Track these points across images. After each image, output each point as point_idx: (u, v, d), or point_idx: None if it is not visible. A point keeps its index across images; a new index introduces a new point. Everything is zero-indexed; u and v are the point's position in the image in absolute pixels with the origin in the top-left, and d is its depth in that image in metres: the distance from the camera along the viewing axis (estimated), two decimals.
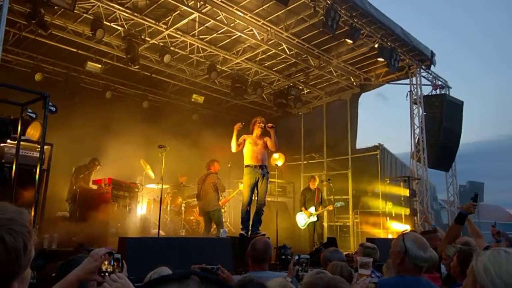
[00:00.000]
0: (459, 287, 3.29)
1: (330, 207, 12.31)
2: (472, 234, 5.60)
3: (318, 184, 12.51)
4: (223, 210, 11.55)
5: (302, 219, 12.02)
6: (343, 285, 1.94)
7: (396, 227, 13.10)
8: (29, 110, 6.32)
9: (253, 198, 8.92)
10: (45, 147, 8.33)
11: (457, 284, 3.52)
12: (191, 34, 12.39)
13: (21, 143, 6.79)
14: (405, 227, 12.76)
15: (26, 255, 1.32)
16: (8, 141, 6.88)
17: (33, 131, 9.29)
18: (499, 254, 1.93)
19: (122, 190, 10.77)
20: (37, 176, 6.05)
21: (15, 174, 6.19)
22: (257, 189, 8.85)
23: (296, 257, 3.75)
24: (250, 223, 8.80)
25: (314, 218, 11.94)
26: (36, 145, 7.80)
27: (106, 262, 2.24)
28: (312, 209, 11.93)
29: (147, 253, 5.89)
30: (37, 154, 6.88)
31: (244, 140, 8.97)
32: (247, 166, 8.87)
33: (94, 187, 10.90)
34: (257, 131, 9.02)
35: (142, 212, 12.00)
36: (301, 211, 12.09)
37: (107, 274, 2.21)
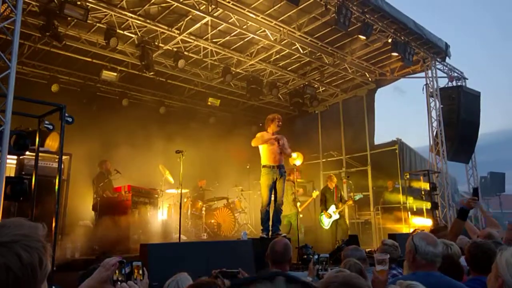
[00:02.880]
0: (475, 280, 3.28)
1: (350, 202, 12.39)
2: (489, 225, 5.55)
3: (337, 182, 12.47)
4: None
5: (326, 220, 11.98)
6: (359, 281, 1.93)
7: (418, 222, 12.97)
8: (46, 122, 6.39)
9: (271, 198, 8.93)
10: (64, 157, 8.45)
11: (473, 278, 3.47)
12: (204, 38, 12.42)
13: (40, 154, 6.88)
14: (427, 221, 12.65)
15: (42, 270, 1.34)
16: (28, 153, 6.96)
17: (52, 142, 9.40)
18: None
19: (142, 196, 10.85)
20: (56, 187, 6.11)
21: (35, 186, 6.26)
22: (275, 190, 8.85)
23: (316, 257, 3.74)
24: (270, 223, 8.80)
25: (336, 216, 11.91)
26: (55, 155, 7.88)
27: (117, 271, 2.26)
28: (332, 208, 11.90)
29: (169, 258, 5.92)
30: (56, 165, 6.95)
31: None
32: (264, 166, 8.87)
33: (115, 195, 10.99)
34: (274, 128, 8.99)
35: (163, 217, 12.07)
36: (321, 212, 12.04)
37: (119, 283, 2.23)
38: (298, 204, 11.58)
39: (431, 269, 3.12)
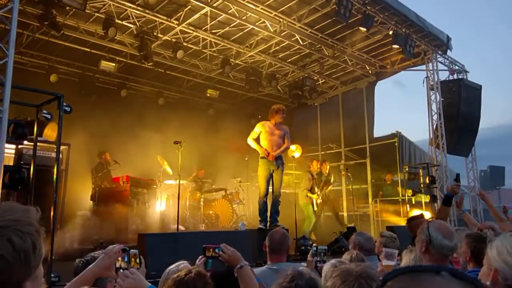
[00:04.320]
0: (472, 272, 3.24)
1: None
2: (495, 218, 5.53)
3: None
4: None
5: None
6: (374, 272, 1.96)
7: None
8: (44, 111, 6.36)
9: (269, 189, 8.94)
10: (63, 147, 8.44)
11: (473, 270, 3.44)
12: (203, 28, 12.37)
13: (39, 144, 6.85)
14: (426, 214, 12.65)
15: (36, 255, 1.31)
16: (26, 142, 6.94)
17: (50, 132, 9.36)
18: (510, 236, 1.96)
19: (140, 187, 10.86)
20: (55, 176, 6.09)
21: (33, 175, 6.24)
22: (272, 181, 8.85)
23: (314, 248, 3.74)
24: (268, 214, 8.80)
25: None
26: (54, 145, 7.85)
27: (120, 259, 2.26)
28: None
29: (166, 248, 5.93)
30: (54, 155, 6.92)
31: (260, 133, 8.96)
32: (262, 157, 8.87)
33: (113, 185, 10.99)
34: (278, 120, 8.97)
35: (161, 208, 12.06)
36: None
37: (121, 270, 2.22)
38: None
39: (444, 262, 3.00)
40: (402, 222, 13.40)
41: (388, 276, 0.89)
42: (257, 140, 9.05)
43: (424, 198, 13.23)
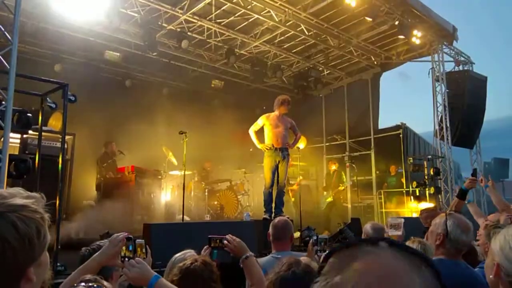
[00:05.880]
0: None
1: (341, 188, 13.08)
2: (499, 206, 5.49)
3: (337, 167, 13.27)
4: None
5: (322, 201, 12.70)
6: None
7: (421, 207, 12.97)
8: (49, 101, 6.35)
9: (274, 180, 8.93)
10: (68, 137, 8.44)
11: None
12: (208, 18, 12.31)
13: (43, 134, 6.85)
14: (429, 205, 12.64)
15: (40, 241, 1.30)
16: (31, 132, 6.93)
17: (55, 122, 9.40)
18: None
19: (145, 177, 10.87)
20: (60, 166, 6.09)
21: (38, 165, 6.24)
22: (278, 172, 8.85)
23: (315, 238, 3.77)
24: (273, 205, 8.81)
25: (330, 199, 12.84)
26: (58, 135, 7.85)
27: (124, 248, 2.25)
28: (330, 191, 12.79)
29: (171, 238, 5.92)
30: (59, 145, 6.91)
31: (263, 125, 8.95)
32: (268, 148, 8.85)
33: (117, 175, 11.01)
34: (283, 110, 8.95)
35: (167, 198, 12.09)
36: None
37: (126, 259, 2.22)
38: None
39: (458, 257, 2.98)
40: (406, 213, 13.42)
41: (329, 252, 0.89)
42: (259, 132, 9.04)
43: (428, 190, 13.21)
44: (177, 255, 3.06)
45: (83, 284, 1.83)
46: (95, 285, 1.82)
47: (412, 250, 0.86)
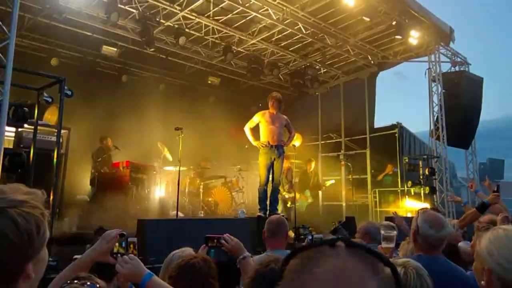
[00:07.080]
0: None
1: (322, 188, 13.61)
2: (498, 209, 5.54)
3: (314, 168, 13.39)
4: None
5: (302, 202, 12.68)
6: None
7: (415, 206, 13.01)
8: (45, 95, 6.35)
9: (269, 178, 8.95)
10: (63, 131, 8.40)
11: None
12: (206, 15, 12.29)
13: (39, 127, 6.85)
14: (424, 205, 12.67)
15: (40, 237, 1.31)
16: (26, 126, 6.92)
17: (51, 116, 9.37)
18: (498, 234, 1.95)
19: (140, 172, 10.87)
20: (55, 160, 6.08)
21: (33, 159, 6.24)
22: (273, 169, 8.86)
23: (310, 237, 3.77)
24: (268, 202, 8.82)
25: (310, 200, 12.84)
26: (54, 129, 7.83)
27: (117, 244, 2.25)
28: (307, 192, 12.71)
29: (166, 234, 5.93)
30: (54, 139, 6.90)
31: (259, 122, 8.96)
32: (263, 145, 8.86)
33: (112, 170, 10.99)
34: (271, 109, 8.99)
35: (161, 194, 12.07)
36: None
37: (119, 255, 2.22)
38: None
39: (435, 252, 3.02)
40: (401, 212, 13.43)
41: (290, 255, 0.91)
42: (254, 129, 9.05)
43: (423, 190, 13.25)
44: (175, 251, 3.07)
45: (76, 281, 1.83)
46: (88, 283, 1.82)
47: (369, 249, 0.87)
